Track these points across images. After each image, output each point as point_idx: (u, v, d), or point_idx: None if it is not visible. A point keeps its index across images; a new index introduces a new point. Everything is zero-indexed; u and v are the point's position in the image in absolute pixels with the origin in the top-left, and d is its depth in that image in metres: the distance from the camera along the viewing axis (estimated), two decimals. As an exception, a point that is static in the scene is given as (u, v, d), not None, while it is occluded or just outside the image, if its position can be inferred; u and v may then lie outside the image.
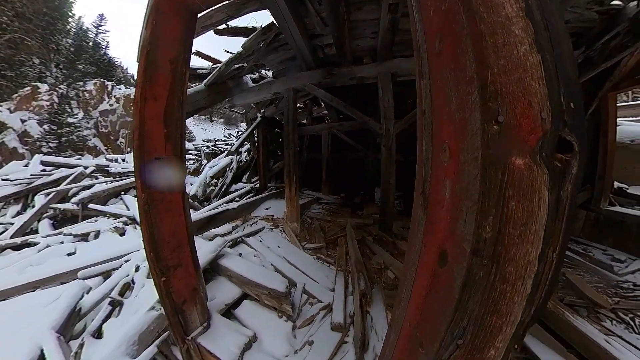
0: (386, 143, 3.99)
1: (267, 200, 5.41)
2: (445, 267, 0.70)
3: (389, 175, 4.09)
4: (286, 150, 4.17)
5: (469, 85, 0.69)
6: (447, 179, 0.77)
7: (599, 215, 4.01)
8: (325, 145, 6.92)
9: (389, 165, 4.07)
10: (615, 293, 2.76)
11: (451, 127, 0.77)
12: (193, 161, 15.07)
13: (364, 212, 5.54)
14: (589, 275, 3.12)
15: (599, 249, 3.74)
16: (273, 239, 3.97)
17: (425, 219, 0.88)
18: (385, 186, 4.16)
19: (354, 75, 4.13)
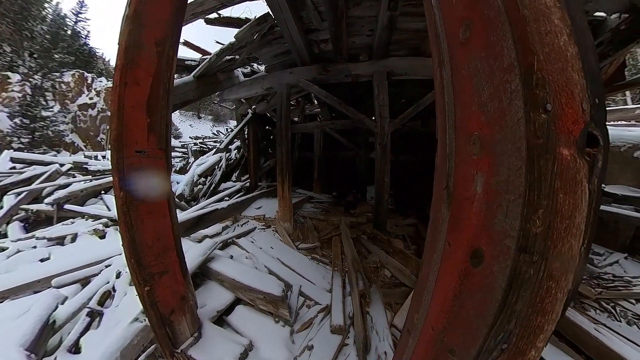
0: (381, 141, 3.96)
1: (258, 200, 5.27)
2: (482, 267, 0.65)
3: (384, 173, 4.08)
4: (279, 147, 4.07)
5: (507, 73, 0.64)
6: (479, 172, 0.72)
7: None
8: (318, 144, 6.86)
9: (384, 164, 4.06)
10: (598, 284, 2.88)
11: (482, 118, 0.72)
12: (179, 159, 14.62)
13: (357, 211, 5.51)
14: None
15: None
16: (265, 240, 3.85)
17: (450, 215, 0.83)
18: (379, 184, 4.14)
19: (349, 72, 4.08)
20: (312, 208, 5.57)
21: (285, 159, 4.01)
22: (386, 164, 4.00)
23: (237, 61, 3.85)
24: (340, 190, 7.48)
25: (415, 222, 5.18)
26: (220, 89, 4.40)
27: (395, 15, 3.08)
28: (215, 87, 4.15)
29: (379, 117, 3.96)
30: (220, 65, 3.84)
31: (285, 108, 4.05)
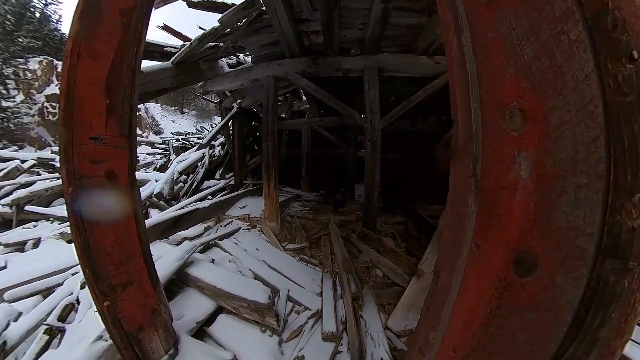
0: (371, 138, 3.83)
1: (243, 198, 5.01)
2: (534, 276, 0.49)
3: (373, 171, 3.95)
4: (265, 142, 3.84)
5: (561, 22, 0.49)
6: (522, 152, 0.56)
7: None
8: (306, 141, 6.66)
9: (374, 161, 3.93)
10: None
11: (524, 84, 0.57)
12: (160, 156, 13.95)
13: (346, 209, 5.37)
14: None
15: None
16: (250, 241, 3.62)
17: (478, 210, 0.67)
18: (369, 182, 4.00)
19: (339, 66, 3.91)
20: (299, 207, 5.37)
21: (271, 156, 3.79)
22: (376, 161, 3.88)
23: (221, 49, 3.58)
24: (328, 189, 7.32)
25: (404, 219, 5.10)
26: (203, 78, 4.10)
27: (388, 8, 2.96)
28: (197, 76, 3.85)
29: (369, 113, 3.83)
30: (203, 52, 3.56)
31: (272, 102, 3.83)
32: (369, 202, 3.99)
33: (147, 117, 23.67)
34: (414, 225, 4.86)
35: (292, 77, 3.91)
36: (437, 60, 4.01)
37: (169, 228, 3.57)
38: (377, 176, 3.90)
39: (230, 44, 3.79)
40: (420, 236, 4.42)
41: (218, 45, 3.39)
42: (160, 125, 26.25)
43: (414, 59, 3.98)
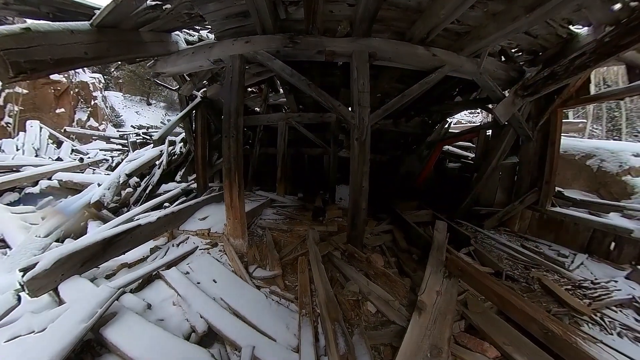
0: (359, 136, 3.09)
1: (204, 207, 4.04)
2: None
3: (361, 176, 3.22)
4: (225, 139, 2.93)
5: None
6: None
7: (543, 214, 4.38)
8: (282, 138, 5.79)
9: (361, 164, 3.19)
10: (584, 295, 2.76)
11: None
12: (118, 153, 12.11)
13: (327, 216, 4.62)
14: (550, 274, 3.20)
15: (545, 244, 4.04)
16: (207, 268, 2.74)
17: None
18: (356, 190, 3.27)
19: (323, 47, 3.11)
20: (273, 214, 4.52)
21: (233, 155, 2.90)
22: (364, 165, 3.16)
23: (167, 12, 2.59)
24: (306, 191, 6.54)
25: (390, 227, 4.48)
26: (145, 54, 3.06)
27: None
28: (136, 49, 2.81)
29: (357, 107, 3.08)
30: (142, 16, 2.54)
31: (236, 87, 2.91)
32: (355, 214, 3.27)
33: (105, 107, 20.78)
34: (401, 234, 4.26)
35: (263, 58, 3.03)
36: (434, 52, 3.36)
37: (96, 256, 2.56)
38: (365, 183, 3.19)
39: (184, 10, 2.80)
40: (410, 248, 3.82)
41: (161, 6, 2.41)
42: (122, 117, 23.17)
43: (410, 48, 3.27)
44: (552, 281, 2.99)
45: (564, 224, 4.06)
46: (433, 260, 3.03)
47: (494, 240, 4.13)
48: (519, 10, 2.44)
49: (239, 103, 2.93)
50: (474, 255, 3.54)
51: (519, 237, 4.36)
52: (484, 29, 2.90)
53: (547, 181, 4.45)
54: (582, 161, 5.53)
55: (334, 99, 3.14)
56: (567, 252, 3.71)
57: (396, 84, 5.17)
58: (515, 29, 2.68)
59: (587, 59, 2.78)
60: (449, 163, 6.57)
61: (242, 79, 3.02)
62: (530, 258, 3.54)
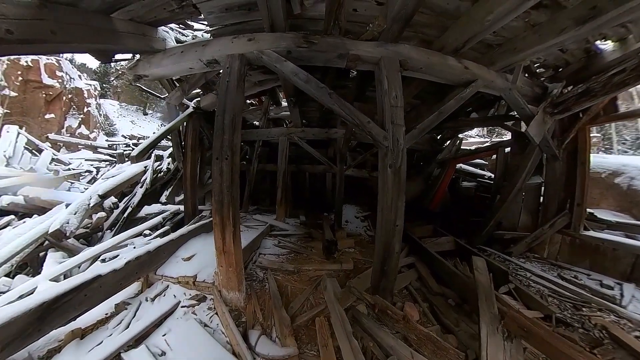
0: (394, 162, 2.37)
1: (191, 240, 3.19)
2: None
3: (395, 212, 2.40)
4: (216, 162, 2.14)
5: None
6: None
7: (575, 239, 3.95)
8: (283, 156, 5.03)
9: (397, 198, 2.39)
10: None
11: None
12: (106, 163, 10.99)
13: (338, 247, 3.82)
14: (604, 313, 2.69)
15: (582, 272, 3.61)
16: (192, 343, 1.88)
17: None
18: (388, 230, 2.42)
19: (345, 50, 2.43)
20: (275, 247, 3.70)
21: (227, 185, 2.11)
22: (400, 198, 2.41)
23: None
24: (308, 211, 5.76)
25: (412, 260, 3.73)
26: (120, 47, 2.29)
27: None
28: (104, 38, 2.04)
29: (391, 125, 2.38)
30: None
31: (234, 95, 2.16)
32: (386, 259, 2.48)
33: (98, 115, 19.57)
34: (427, 269, 3.52)
35: (271, 60, 2.30)
36: (466, 64, 2.77)
37: (27, 332, 1.68)
38: (400, 221, 2.43)
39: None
40: (443, 290, 3.08)
41: None
42: (115, 125, 21.94)
43: (442, 58, 2.69)
44: (621, 330, 2.40)
45: (600, 249, 3.65)
46: (485, 316, 2.32)
47: (528, 272, 3.57)
48: (566, 22, 2.12)
49: (236, 114, 2.17)
50: (515, 294, 2.93)
51: (551, 265, 3.85)
52: (522, 40, 2.50)
53: (578, 203, 4.03)
54: (609, 179, 5.06)
55: (362, 114, 2.41)
56: (611, 282, 3.27)
57: (412, 100, 4.59)
58: (559, 43, 2.30)
59: (626, 76, 2.56)
60: (463, 182, 5.97)
61: (241, 85, 2.28)
62: (576, 294, 3.03)
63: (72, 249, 3.70)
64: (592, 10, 1.95)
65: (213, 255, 2.45)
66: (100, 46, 2.11)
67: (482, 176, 5.89)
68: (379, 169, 2.47)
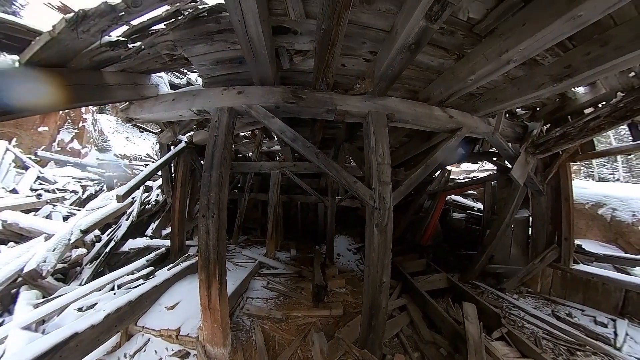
0: (380, 221, 2.40)
1: (176, 285, 3.09)
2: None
3: (382, 269, 2.41)
4: (202, 220, 2.13)
5: None
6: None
7: (566, 273, 4.00)
8: (274, 189, 5.05)
9: (382, 255, 2.39)
10: None
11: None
12: (94, 182, 10.69)
13: (328, 289, 3.74)
14: (598, 356, 2.69)
15: (576, 307, 3.65)
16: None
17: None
18: (374, 286, 2.41)
19: (333, 106, 2.55)
20: (263, 287, 3.60)
21: (214, 243, 2.10)
22: (386, 256, 2.42)
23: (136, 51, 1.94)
24: (300, 243, 5.69)
25: (404, 302, 3.66)
26: (111, 100, 2.35)
27: (430, 30, 1.71)
28: (95, 94, 2.10)
29: (377, 184, 2.44)
30: (96, 53, 1.87)
31: (221, 150, 2.20)
32: (374, 315, 2.43)
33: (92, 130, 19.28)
34: (419, 312, 3.46)
35: (259, 114, 2.40)
36: (450, 114, 2.95)
37: None
38: (386, 278, 2.42)
39: (164, 50, 2.18)
40: (435, 337, 3.00)
41: (125, 44, 1.76)
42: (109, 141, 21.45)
43: (427, 109, 2.86)
44: None
45: (591, 283, 3.73)
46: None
47: (522, 311, 3.57)
48: (544, 78, 2.29)
49: (223, 170, 2.21)
50: (508, 340, 2.89)
51: (545, 300, 3.90)
52: (502, 92, 2.70)
53: (566, 237, 4.13)
54: (593, 210, 5.23)
55: (348, 174, 2.48)
56: (604, 319, 3.30)
57: (402, 138, 4.77)
58: (537, 96, 2.46)
59: (602, 121, 2.74)
60: (454, 213, 6.05)
61: (229, 139, 2.34)
62: (570, 335, 3.02)
63: (48, 288, 3.53)
64: (568, 69, 2.10)
65: (199, 302, 2.38)
66: (90, 102, 2.16)
67: (471, 208, 5.99)
68: (365, 226, 2.50)
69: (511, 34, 1.72)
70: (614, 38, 1.80)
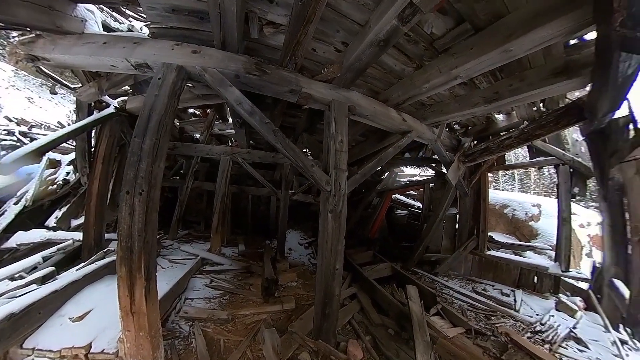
0: (335, 207, 2.32)
1: (88, 288, 2.39)
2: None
3: (335, 256, 2.35)
4: (125, 197, 1.65)
5: None
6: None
7: (482, 258, 4.84)
8: (223, 177, 4.51)
9: (336, 242, 2.35)
10: (543, 340, 2.78)
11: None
12: None
13: (279, 283, 3.51)
14: (506, 319, 3.25)
15: (488, 284, 4.35)
16: None
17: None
18: (327, 274, 2.34)
19: (298, 87, 2.33)
20: (205, 286, 3.13)
21: (139, 228, 1.65)
22: (339, 242, 2.37)
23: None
24: (250, 238, 5.26)
25: (354, 291, 3.74)
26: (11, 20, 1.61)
27: (400, 30, 1.72)
28: None
29: (334, 170, 2.36)
30: None
31: (161, 115, 1.73)
32: (327, 303, 2.34)
33: None
34: (368, 299, 3.58)
35: (214, 81, 2.01)
36: (404, 117, 3.27)
37: None
38: (339, 265, 2.36)
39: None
40: (384, 320, 3.14)
41: None
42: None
43: (385, 109, 3.11)
44: (519, 336, 2.87)
45: (498, 264, 4.57)
46: (420, 345, 2.49)
47: (451, 290, 4.13)
48: (479, 99, 2.83)
49: (160, 139, 1.76)
50: (443, 314, 3.28)
51: (467, 280, 4.61)
52: (447, 106, 3.20)
53: (482, 230, 5.00)
54: (500, 210, 6.40)
55: (306, 156, 2.33)
56: (507, 290, 4.02)
57: (358, 137, 4.90)
58: (473, 112, 3.03)
59: (513, 141, 3.50)
60: (397, 210, 6.52)
61: (173, 103, 1.88)
62: (487, 305, 3.60)
63: None
64: (496, 94, 2.63)
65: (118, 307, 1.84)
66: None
67: (412, 206, 6.56)
68: (319, 212, 2.40)
69: (461, 55, 2.01)
70: (528, 77, 2.41)
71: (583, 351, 2.63)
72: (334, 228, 2.33)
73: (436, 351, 2.51)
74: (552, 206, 6.23)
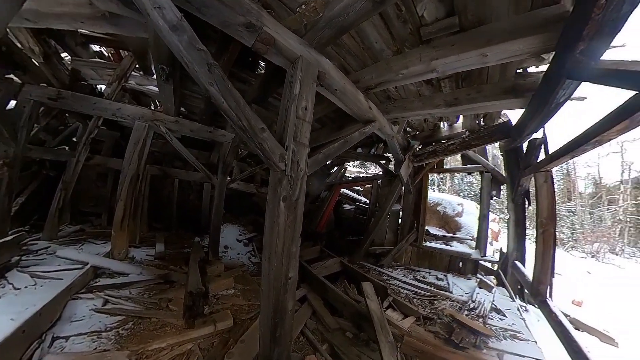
0: (290, 194, 1.69)
1: None
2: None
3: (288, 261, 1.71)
4: None
5: None
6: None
7: (420, 249, 5.28)
8: (136, 151, 3.26)
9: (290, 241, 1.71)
10: (477, 315, 3.02)
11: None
12: None
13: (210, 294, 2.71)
14: (445, 301, 3.49)
15: (426, 271, 4.77)
16: None
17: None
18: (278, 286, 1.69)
19: (259, 23, 1.62)
20: (95, 312, 2.05)
21: None
22: (294, 243, 1.78)
23: None
24: (173, 236, 4.09)
25: (304, 292, 3.27)
26: None
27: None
28: None
29: (292, 142, 1.72)
30: None
31: None
32: (279, 323, 1.72)
33: None
34: (319, 299, 3.19)
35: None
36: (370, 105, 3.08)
37: None
38: (293, 272, 1.78)
39: None
40: (339, 322, 2.78)
41: None
42: None
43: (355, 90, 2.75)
44: (460, 315, 3.02)
45: (433, 254, 5.15)
46: (385, 348, 2.24)
47: (397, 280, 4.18)
48: (441, 101, 2.97)
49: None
50: (394, 306, 3.20)
51: (408, 270, 4.85)
52: (411, 103, 3.24)
53: (421, 224, 5.43)
54: (434, 207, 7.14)
55: (255, 115, 1.61)
56: (441, 276, 4.50)
57: (314, 123, 4.41)
58: (432, 113, 3.14)
59: (455, 147, 3.88)
60: (345, 205, 6.37)
61: None
62: (428, 291, 3.78)
63: None
64: (456, 100, 2.86)
65: None
66: None
67: (359, 200, 6.53)
68: (267, 200, 1.76)
69: (442, 48, 2.05)
70: (484, 90, 2.72)
71: (502, 319, 3.06)
72: (288, 223, 1.70)
73: (402, 350, 2.33)
74: (470, 205, 7.35)
